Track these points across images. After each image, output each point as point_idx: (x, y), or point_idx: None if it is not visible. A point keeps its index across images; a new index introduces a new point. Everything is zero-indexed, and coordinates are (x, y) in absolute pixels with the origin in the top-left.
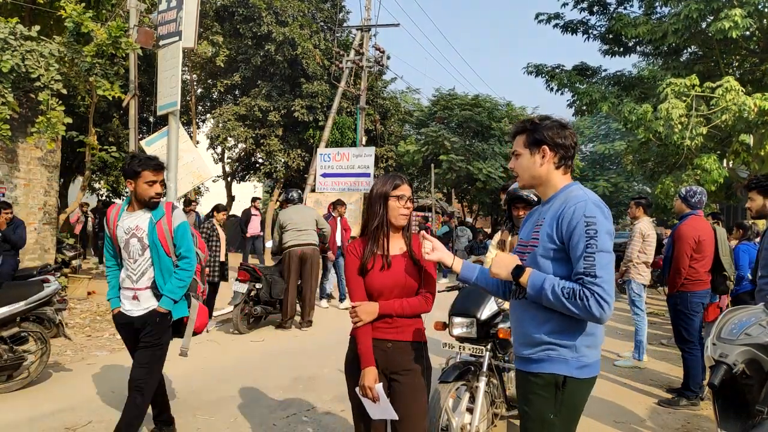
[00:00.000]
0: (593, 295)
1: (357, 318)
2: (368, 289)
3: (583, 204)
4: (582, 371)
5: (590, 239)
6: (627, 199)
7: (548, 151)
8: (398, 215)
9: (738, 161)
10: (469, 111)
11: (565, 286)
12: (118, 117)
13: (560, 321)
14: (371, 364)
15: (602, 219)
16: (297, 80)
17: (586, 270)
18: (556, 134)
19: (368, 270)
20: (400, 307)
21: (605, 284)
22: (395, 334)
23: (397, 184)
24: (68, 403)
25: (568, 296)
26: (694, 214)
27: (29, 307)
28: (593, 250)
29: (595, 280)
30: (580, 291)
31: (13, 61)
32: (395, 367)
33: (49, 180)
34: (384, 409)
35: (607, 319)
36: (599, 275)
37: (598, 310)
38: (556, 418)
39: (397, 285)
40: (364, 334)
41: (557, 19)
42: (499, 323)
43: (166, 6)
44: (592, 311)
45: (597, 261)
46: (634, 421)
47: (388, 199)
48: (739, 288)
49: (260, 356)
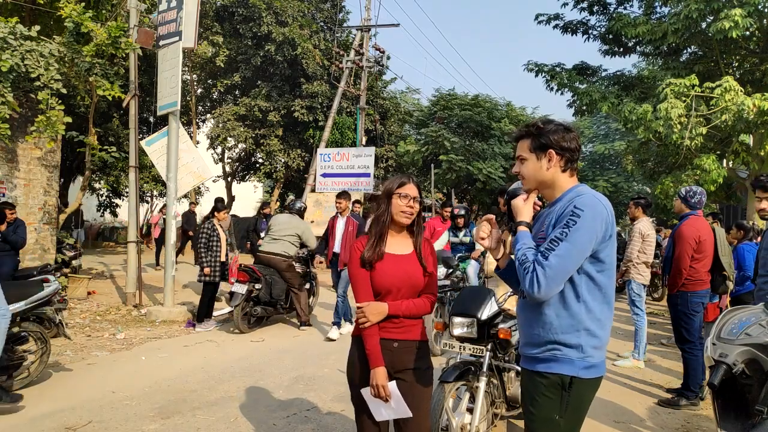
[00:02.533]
0: (534, 272)
1: (364, 318)
2: (375, 288)
3: (580, 198)
4: (588, 371)
5: (566, 227)
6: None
7: (554, 155)
8: (399, 212)
9: (737, 161)
10: (469, 111)
11: (527, 253)
12: (118, 117)
13: (566, 321)
14: (381, 363)
15: (589, 215)
16: (297, 80)
17: (544, 250)
18: (561, 138)
19: (369, 263)
20: (407, 308)
21: (549, 269)
22: (402, 333)
23: (402, 182)
24: (68, 403)
25: (521, 260)
26: (693, 214)
27: (29, 307)
28: (561, 238)
29: (544, 261)
30: (529, 262)
31: (12, 61)
32: (401, 366)
33: (49, 180)
34: (396, 407)
35: (535, 299)
36: (550, 260)
37: (530, 286)
38: (562, 419)
39: (405, 284)
40: (371, 335)
41: (557, 20)
42: (499, 323)
43: (166, 6)
44: (525, 282)
45: (559, 248)
46: (634, 421)
47: (392, 197)
48: (742, 288)
49: (260, 356)
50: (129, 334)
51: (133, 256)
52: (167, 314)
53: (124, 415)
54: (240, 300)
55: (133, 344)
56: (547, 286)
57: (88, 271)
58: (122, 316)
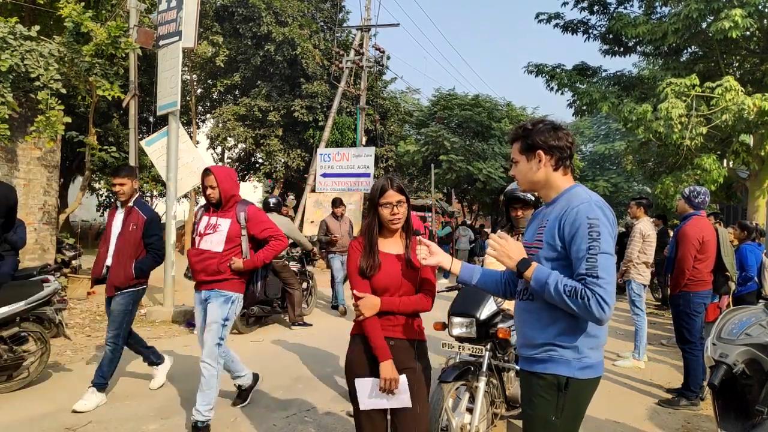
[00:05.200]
0: (594, 295)
1: (359, 311)
2: (373, 287)
3: (586, 205)
4: (584, 372)
5: (593, 241)
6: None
7: (543, 155)
8: (388, 221)
9: (738, 161)
10: (469, 111)
11: (568, 283)
12: (118, 117)
13: (563, 322)
14: (389, 356)
15: (605, 221)
16: (297, 80)
17: (588, 271)
18: (549, 137)
19: (368, 274)
20: (401, 303)
21: (607, 285)
22: (397, 332)
23: (383, 190)
24: (68, 403)
25: (569, 294)
26: (696, 214)
27: (29, 307)
28: (596, 252)
29: (597, 281)
30: (582, 290)
31: (12, 61)
32: (397, 364)
33: (48, 180)
34: (399, 398)
35: (606, 320)
36: (601, 276)
37: (598, 311)
38: (558, 420)
39: (402, 283)
40: (374, 329)
41: (557, 19)
42: (498, 323)
43: (166, 6)
44: (592, 311)
45: (599, 262)
46: (634, 421)
47: (377, 207)
48: (744, 288)
49: (260, 356)
50: None
51: None
52: (167, 314)
53: (124, 415)
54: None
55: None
56: (612, 299)
57: (88, 271)
58: None
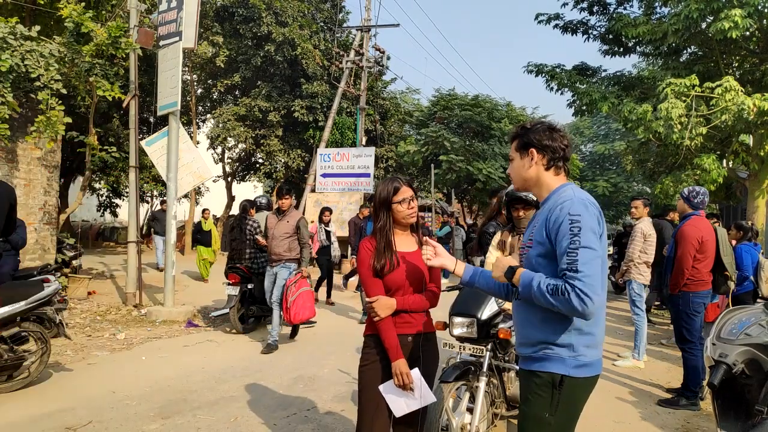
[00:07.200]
0: (574, 289)
1: (374, 313)
2: (386, 285)
3: (569, 203)
4: (580, 370)
5: (574, 236)
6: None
7: (536, 153)
8: (405, 217)
9: (737, 161)
10: (469, 111)
11: (550, 282)
12: (118, 117)
13: (557, 320)
14: (401, 356)
15: (587, 217)
16: (297, 80)
17: (568, 265)
18: (543, 137)
19: (384, 273)
20: (414, 302)
21: (586, 278)
22: (413, 328)
23: (396, 188)
24: (68, 403)
25: (551, 292)
26: (696, 214)
27: (29, 307)
28: (576, 246)
29: (577, 275)
30: (562, 286)
31: (12, 61)
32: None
33: (49, 180)
34: (420, 395)
35: (590, 313)
36: (581, 270)
37: (580, 305)
38: (552, 417)
39: (414, 280)
40: (389, 329)
41: (557, 20)
42: (499, 323)
43: (166, 6)
44: (573, 305)
45: (579, 256)
46: (634, 421)
47: (391, 205)
48: (741, 288)
49: (260, 356)
50: (129, 334)
51: (133, 256)
52: (167, 314)
53: (124, 415)
54: (234, 301)
55: (134, 344)
56: (594, 293)
57: (89, 271)
58: (122, 316)
